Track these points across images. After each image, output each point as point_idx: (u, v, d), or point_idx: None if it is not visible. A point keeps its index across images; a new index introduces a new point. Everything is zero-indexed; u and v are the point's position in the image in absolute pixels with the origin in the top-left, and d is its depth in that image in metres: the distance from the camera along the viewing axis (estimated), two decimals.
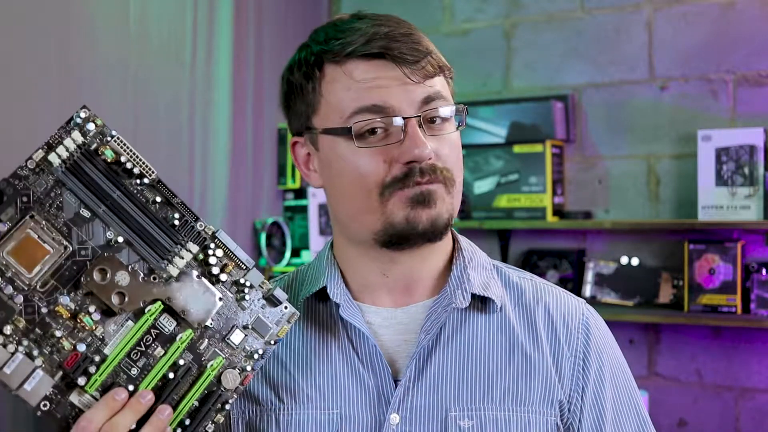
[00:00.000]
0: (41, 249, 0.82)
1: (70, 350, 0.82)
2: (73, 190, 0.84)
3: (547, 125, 2.84)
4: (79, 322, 0.82)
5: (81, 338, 0.83)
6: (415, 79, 0.95)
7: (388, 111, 0.95)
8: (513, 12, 3.03)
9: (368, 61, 0.96)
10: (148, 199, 0.87)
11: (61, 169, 0.84)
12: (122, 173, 0.86)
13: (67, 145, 0.85)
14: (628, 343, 2.81)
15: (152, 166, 0.89)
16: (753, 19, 2.66)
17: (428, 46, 0.98)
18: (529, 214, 2.85)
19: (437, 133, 0.97)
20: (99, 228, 0.85)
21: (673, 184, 2.78)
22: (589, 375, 1.02)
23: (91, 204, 0.85)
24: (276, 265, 2.96)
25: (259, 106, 2.94)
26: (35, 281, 0.82)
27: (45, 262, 0.82)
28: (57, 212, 0.83)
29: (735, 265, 2.57)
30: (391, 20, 0.99)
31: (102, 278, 0.84)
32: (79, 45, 2.27)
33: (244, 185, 2.88)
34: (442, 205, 0.96)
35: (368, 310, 1.03)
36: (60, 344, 0.82)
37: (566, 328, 1.04)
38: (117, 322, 0.85)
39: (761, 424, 2.63)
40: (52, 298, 0.82)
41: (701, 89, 2.73)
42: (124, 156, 0.86)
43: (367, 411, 0.99)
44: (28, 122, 2.16)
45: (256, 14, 2.93)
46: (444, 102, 0.98)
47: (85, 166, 0.85)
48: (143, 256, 0.86)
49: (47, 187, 0.84)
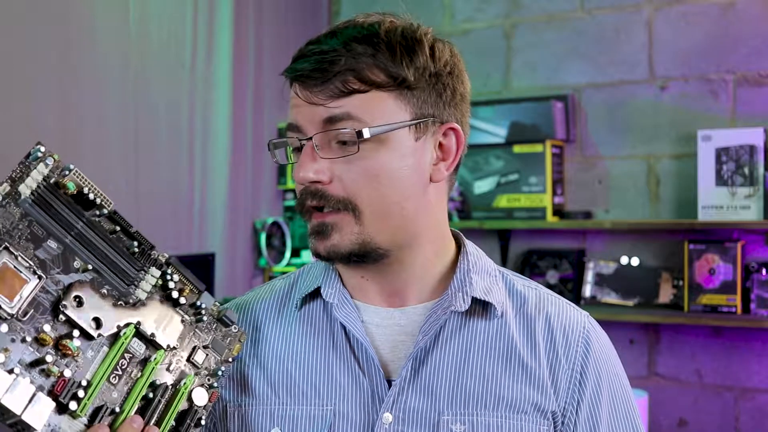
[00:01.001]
0: (19, 278, 0.82)
1: (57, 375, 0.83)
2: (40, 222, 0.85)
3: (547, 125, 2.84)
4: (63, 348, 0.83)
5: (66, 364, 0.84)
6: (316, 100, 0.95)
7: (301, 130, 0.97)
8: (513, 12, 3.03)
9: (291, 81, 0.99)
10: (108, 229, 0.90)
11: (29, 201, 0.85)
12: (82, 205, 0.88)
13: (34, 177, 0.85)
14: (628, 343, 2.81)
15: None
16: (753, 19, 2.67)
17: (340, 65, 0.95)
18: (529, 214, 2.85)
19: (344, 155, 0.95)
20: (67, 258, 0.86)
21: (673, 184, 2.78)
22: (586, 389, 1.02)
23: (58, 234, 0.86)
24: (276, 265, 2.96)
25: (259, 106, 2.94)
26: (17, 311, 0.82)
27: (23, 291, 0.82)
28: (26, 244, 0.84)
29: (735, 265, 2.57)
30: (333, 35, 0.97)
31: (78, 306, 0.85)
32: (79, 45, 2.27)
33: (244, 185, 2.88)
34: (340, 237, 0.96)
35: (366, 309, 1.03)
36: (49, 370, 0.82)
37: (565, 339, 1.03)
38: (93, 348, 0.86)
39: (761, 424, 2.63)
40: (36, 326, 0.83)
41: (701, 89, 2.73)
42: (86, 188, 0.88)
43: (360, 409, 0.99)
44: (28, 122, 2.16)
45: (256, 14, 2.93)
46: (354, 123, 0.94)
47: (49, 198, 0.86)
48: (111, 283, 0.89)
49: (13, 220, 0.83)
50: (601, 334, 1.07)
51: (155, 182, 2.50)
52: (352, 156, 0.94)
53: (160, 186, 2.53)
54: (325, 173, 0.94)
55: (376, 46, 0.97)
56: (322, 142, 0.95)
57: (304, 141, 0.96)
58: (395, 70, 0.96)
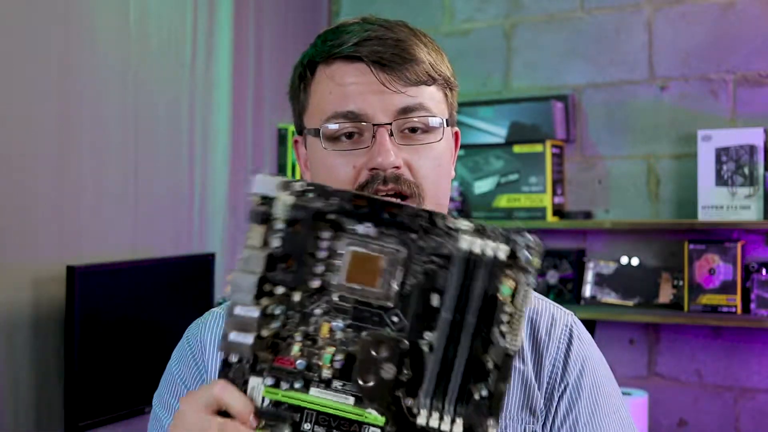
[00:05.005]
0: (373, 277, 0.74)
1: (292, 355, 0.74)
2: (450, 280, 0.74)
3: (547, 125, 2.84)
4: (322, 349, 0.74)
5: (309, 360, 0.74)
6: (393, 87, 0.94)
7: (362, 117, 0.95)
8: (513, 12, 3.03)
9: (350, 64, 0.96)
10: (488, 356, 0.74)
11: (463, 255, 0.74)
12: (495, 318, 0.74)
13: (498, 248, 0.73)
14: (628, 343, 2.81)
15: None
16: (753, 19, 2.66)
17: (419, 54, 0.96)
18: (529, 214, 2.85)
19: (413, 143, 0.96)
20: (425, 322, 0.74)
21: (673, 184, 2.78)
22: (567, 385, 1.01)
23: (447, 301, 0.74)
24: None
25: (259, 106, 2.94)
26: (343, 288, 0.74)
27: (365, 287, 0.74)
28: (418, 273, 0.75)
29: (735, 265, 2.57)
30: (392, 26, 0.98)
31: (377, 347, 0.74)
32: (79, 45, 2.27)
33: (244, 185, 2.88)
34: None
35: None
36: (293, 344, 0.74)
37: (548, 336, 1.03)
38: (343, 388, 0.74)
39: (761, 424, 2.63)
40: (334, 314, 0.74)
41: (701, 89, 2.73)
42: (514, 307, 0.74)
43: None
44: (28, 122, 2.16)
45: (256, 14, 2.93)
46: (426, 114, 0.96)
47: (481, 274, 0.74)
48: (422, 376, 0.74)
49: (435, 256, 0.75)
50: (583, 331, 1.07)
51: (155, 182, 2.50)
52: (420, 145, 0.96)
53: (160, 186, 2.53)
54: (399, 160, 0.95)
55: (429, 44, 1.00)
56: (395, 130, 0.95)
57: (381, 128, 0.94)
58: (449, 70, 1.00)
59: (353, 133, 0.95)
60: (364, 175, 0.95)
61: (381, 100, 0.94)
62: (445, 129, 0.99)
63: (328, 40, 0.98)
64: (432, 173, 0.97)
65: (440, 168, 0.99)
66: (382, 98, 0.94)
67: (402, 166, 0.95)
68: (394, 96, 0.95)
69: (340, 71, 0.96)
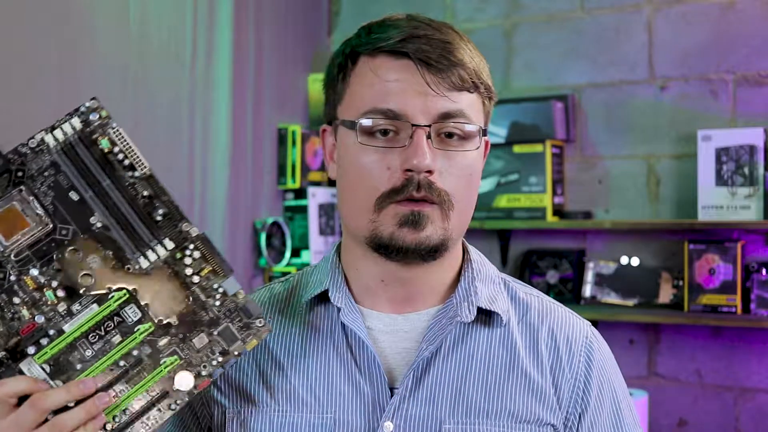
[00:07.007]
0: (22, 221, 0.86)
1: (28, 320, 0.86)
2: (65, 173, 0.89)
3: (547, 125, 2.84)
4: (42, 296, 0.86)
5: (42, 311, 0.86)
6: (436, 90, 0.92)
7: (401, 116, 0.93)
8: (513, 12, 3.03)
9: (396, 59, 0.94)
10: (138, 192, 0.90)
11: (55, 150, 0.89)
12: (117, 164, 0.90)
13: (65, 129, 0.90)
14: (628, 343, 2.81)
15: (149, 162, 0.92)
16: (753, 19, 2.66)
17: (465, 59, 0.94)
18: (529, 214, 2.85)
19: (449, 149, 0.94)
20: (84, 212, 0.89)
21: (673, 184, 2.78)
22: (590, 400, 1.01)
23: (80, 188, 0.89)
24: (276, 265, 2.96)
25: (259, 106, 2.94)
26: (9, 250, 0.86)
27: (24, 233, 0.87)
28: (47, 190, 0.88)
29: (735, 265, 2.57)
30: (439, 26, 0.96)
31: (74, 257, 0.87)
32: (79, 45, 2.27)
33: (244, 185, 2.88)
34: (433, 229, 0.94)
35: (369, 315, 1.02)
36: (20, 312, 0.86)
37: (569, 349, 1.02)
38: (82, 303, 0.87)
39: (761, 424, 2.63)
40: (24, 269, 0.86)
41: (701, 89, 2.73)
42: (117, 147, 0.91)
43: (361, 417, 0.97)
44: (28, 122, 2.16)
45: (256, 14, 2.93)
46: (465, 121, 0.94)
47: (80, 150, 0.90)
48: (119, 245, 0.89)
49: (42, 167, 0.88)
50: (603, 344, 1.07)
51: None
52: (454, 151, 0.95)
53: None
54: (434, 163, 0.93)
55: (473, 49, 0.98)
56: (433, 133, 0.94)
57: (419, 129, 0.93)
58: (490, 79, 0.98)
59: (389, 131, 0.94)
60: (396, 179, 0.93)
61: (423, 101, 0.93)
62: (481, 139, 0.97)
63: (374, 32, 0.96)
64: (462, 183, 0.96)
65: (471, 177, 0.97)
66: (425, 100, 0.93)
67: (435, 170, 0.93)
68: (437, 99, 0.93)
69: (384, 66, 0.94)
